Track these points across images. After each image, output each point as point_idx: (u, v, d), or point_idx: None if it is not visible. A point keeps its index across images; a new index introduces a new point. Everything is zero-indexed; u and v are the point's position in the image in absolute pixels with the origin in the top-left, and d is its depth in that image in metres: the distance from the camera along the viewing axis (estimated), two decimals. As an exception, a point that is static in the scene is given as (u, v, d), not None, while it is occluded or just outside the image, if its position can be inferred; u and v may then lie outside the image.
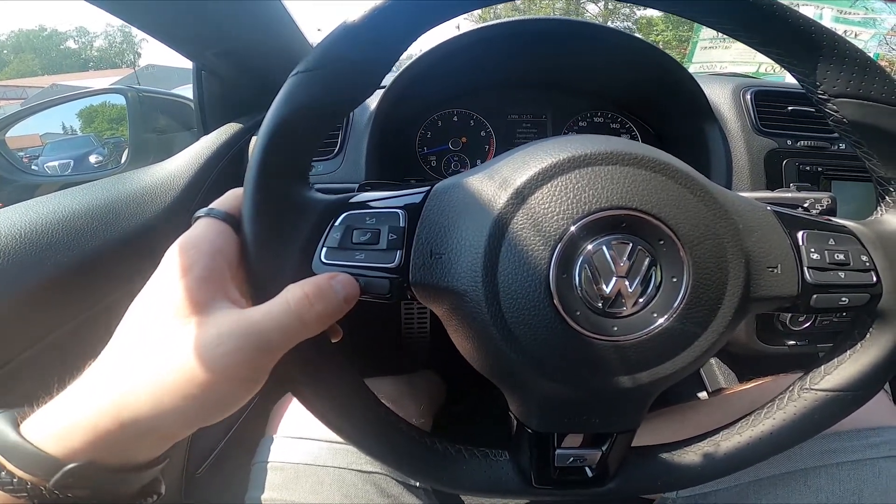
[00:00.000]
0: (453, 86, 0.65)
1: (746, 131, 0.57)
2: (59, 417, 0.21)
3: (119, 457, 0.21)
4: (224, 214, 0.25)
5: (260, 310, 0.23)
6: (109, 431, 0.20)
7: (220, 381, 0.21)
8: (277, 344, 0.23)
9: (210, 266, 0.23)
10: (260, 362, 0.22)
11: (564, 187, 0.24)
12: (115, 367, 0.22)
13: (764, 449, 0.30)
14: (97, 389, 0.21)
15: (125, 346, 0.22)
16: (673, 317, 0.24)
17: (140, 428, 0.21)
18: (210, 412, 0.22)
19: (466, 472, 0.30)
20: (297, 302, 0.23)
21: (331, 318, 0.24)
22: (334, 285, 0.24)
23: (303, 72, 0.24)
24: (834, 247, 0.27)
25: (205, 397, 0.21)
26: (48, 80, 22.00)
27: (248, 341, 0.22)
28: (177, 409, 0.21)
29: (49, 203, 0.43)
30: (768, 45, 0.26)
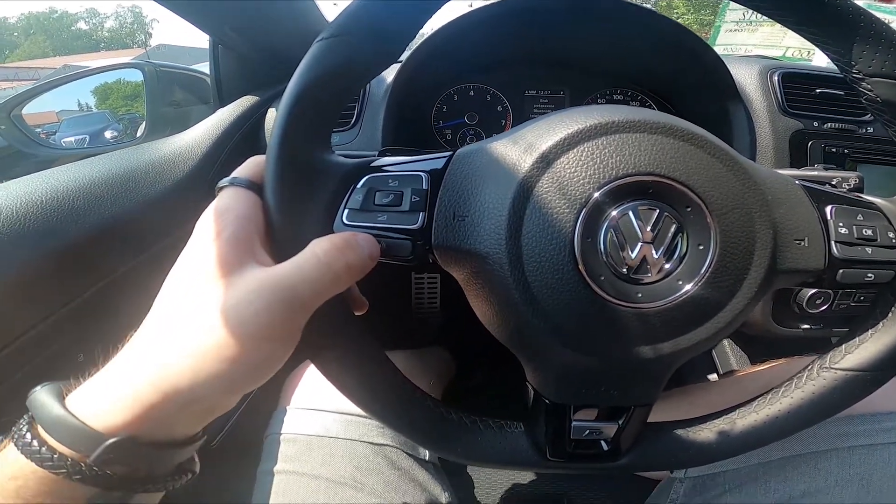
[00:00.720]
0: (470, 61, 0.64)
1: (772, 111, 0.56)
2: (103, 391, 0.21)
3: (160, 431, 0.22)
4: (247, 182, 0.25)
5: (288, 265, 0.23)
6: (153, 404, 0.20)
7: (255, 341, 0.21)
8: (309, 298, 0.23)
9: (238, 231, 0.23)
10: (292, 318, 0.22)
11: (591, 153, 0.24)
12: (154, 337, 0.22)
13: (781, 428, 0.30)
14: (138, 361, 0.21)
15: (162, 316, 0.22)
16: (699, 284, 0.24)
17: (182, 398, 0.21)
18: (249, 375, 0.22)
19: (481, 444, 0.30)
20: (325, 253, 0.23)
21: (359, 272, 0.24)
22: (359, 240, 0.24)
23: (328, 38, 0.24)
24: (862, 222, 0.27)
25: (242, 359, 0.21)
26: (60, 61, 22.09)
27: (278, 297, 0.22)
28: (216, 375, 0.21)
29: (69, 172, 0.43)
30: (803, 24, 0.26)
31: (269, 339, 0.22)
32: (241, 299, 0.21)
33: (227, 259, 0.22)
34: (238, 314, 0.21)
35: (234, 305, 0.21)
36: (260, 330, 0.21)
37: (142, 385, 0.21)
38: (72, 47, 36.03)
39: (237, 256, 0.22)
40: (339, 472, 0.41)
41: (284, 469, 0.42)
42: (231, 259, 0.22)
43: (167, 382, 0.21)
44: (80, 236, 0.39)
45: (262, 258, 0.24)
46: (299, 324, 0.23)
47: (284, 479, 0.41)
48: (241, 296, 0.21)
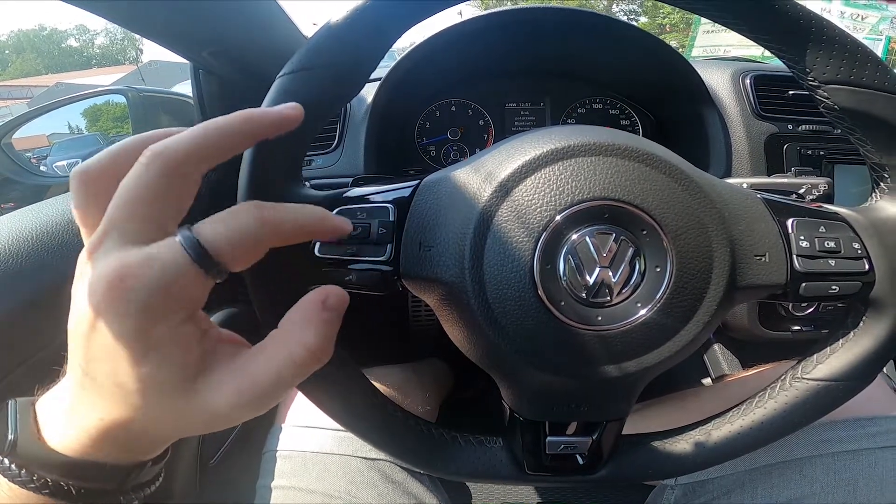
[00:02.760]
0: (450, 75, 0.64)
1: (746, 116, 0.56)
2: (62, 418, 0.20)
3: (124, 458, 0.21)
4: (211, 263, 0.18)
5: (259, 362, 0.19)
6: (111, 442, 0.20)
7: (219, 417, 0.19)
8: (276, 397, 0.20)
9: (182, 329, 0.18)
10: (262, 407, 0.20)
11: (547, 179, 0.24)
12: (99, 389, 0.19)
13: (755, 438, 0.30)
14: (86, 408, 0.19)
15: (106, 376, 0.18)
16: (657, 307, 0.24)
17: (144, 439, 0.21)
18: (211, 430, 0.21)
19: (461, 459, 0.30)
20: (301, 358, 0.19)
21: (329, 355, 0.20)
22: (329, 318, 0.20)
23: (289, 73, 0.25)
24: (824, 234, 0.27)
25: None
26: (53, 78, 22.07)
27: (248, 401, 0.19)
28: (172, 427, 0.20)
29: (58, 205, 0.44)
30: (757, 32, 0.26)
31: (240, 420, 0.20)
32: (225, 405, 0.19)
33: (184, 370, 0.18)
34: (206, 417, 0.19)
35: (219, 411, 0.19)
36: (224, 422, 0.20)
37: (96, 426, 0.19)
38: (63, 64, 35.99)
39: (194, 359, 0.19)
40: (334, 487, 0.42)
41: (282, 485, 0.43)
42: (191, 369, 0.19)
43: (128, 431, 0.19)
44: (71, 270, 0.39)
45: (219, 341, 0.21)
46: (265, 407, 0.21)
47: (281, 494, 0.42)
48: (226, 400, 0.19)
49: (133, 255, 0.17)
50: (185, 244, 0.17)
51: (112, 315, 0.17)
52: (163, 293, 0.17)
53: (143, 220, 0.18)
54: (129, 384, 0.18)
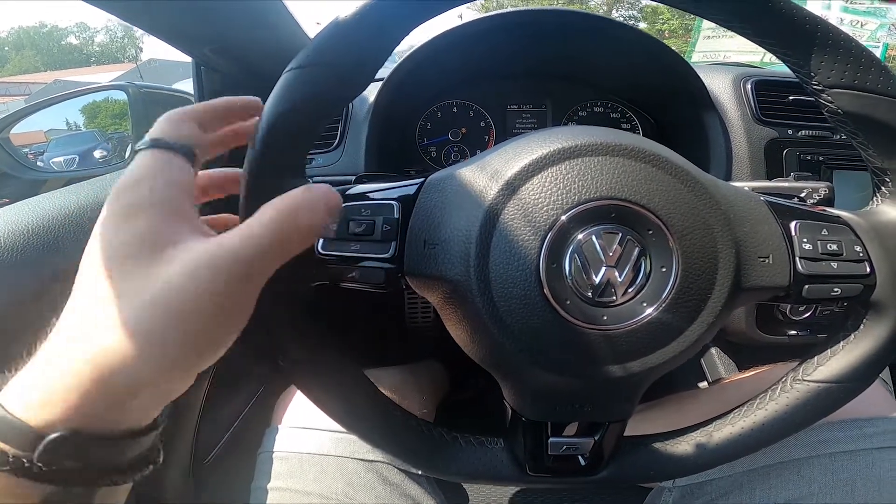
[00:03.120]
0: (452, 77, 0.65)
1: (747, 121, 0.57)
2: (35, 383, 0.19)
3: (104, 422, 0.19)
4: (174, 144, 0.22)
5: (235, 233, 0.20)
6: (89, 393, 0.18)
7: (202, 319, 0.19)
8: (259, 268, 0.20)
9: (171, 199, 0.21)
10: (243, 291, 0.20)
11: (554, 178, 0.24)
12: (83, 321, 0.19)
13: (756, 440, 0.30)
14: (68, 349, 0.19)
15: (90, 297, 0.20)
16: (662, 307, 0.24)
17: (122, 384, 0.19)
18: (198, 355, 0.20)
19: (462, 459, 0.30)
20: (272, 220, 0.20)
21: (316, 232, 0.22)
22: (312, 198, 0.21)
23: (295, 68, 0.24)
24: (827, 237, 0.27)
25: (188, 339, 0.19)
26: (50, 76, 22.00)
27: (226, 269, 0.19)
28: (161, 357, 0.19)
29: (55, 199, 0.43)
30: (762, 35, 0.26)
31: (218, 316, 0.20)
32: (184, 273, 0.19)
33: (161, 230, 0.20)
34: (182, 290, 0.19)
35: (178, 281, 0.19)
36: (207, 306, 0.19)
37: (75, 373, 0.18)
38: (62, 62, 35.94)
39: (173, 227, 0.20)
40: (331, 489, 0.41)
41: (277, 486, 0.42)
42: (166, 230, 0.20)
43: (103, 368, 0.18)
44: (66, 265, 0.39)
45: (199, 226, 0.22)
46: (251, 295, 0.21)
47: (278, 495, 0.42)
48: (185, 270, 0.19)
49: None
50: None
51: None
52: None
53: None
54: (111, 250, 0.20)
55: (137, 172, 0.22)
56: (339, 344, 0.29)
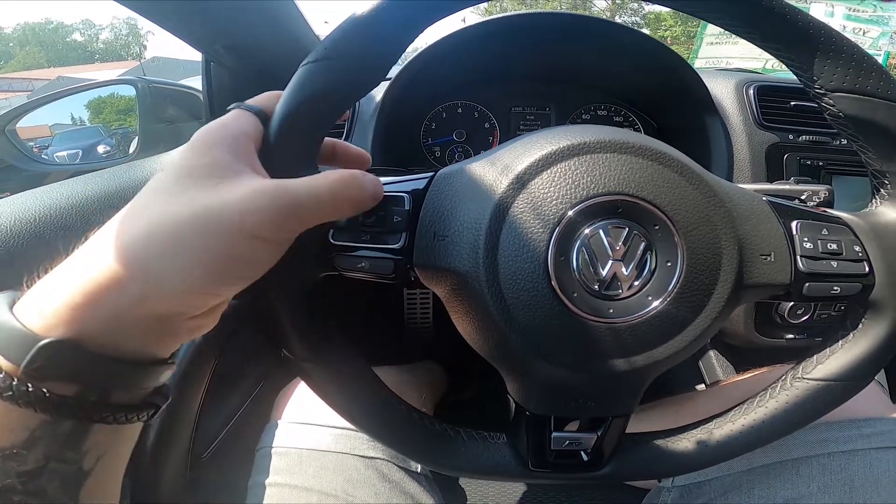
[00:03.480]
0: (458, 78, 0.65)
1: (748, 125, 0.57)
2: (50, 286, 0.18)
3: (109, 336, 0.18)
4: (257, 109, 0.26)
5: (297, 180, 0.22)
6: (101, 294, 0.17)
7: (245, 237, 0.20)
8: (307, 213, 0.22)
9: (237, 142, 0.23)
10: (288, 225, 0.22)
11: (563, 173, 0.25)
12: (123, 223, 0.19)
13: (756, 437, 0.30)
14: (96, 250, 0.19)
15: (138, 204, 0.20)
16: (667, 300, 0.25)
17: (140, 291, 0.18)
18: (225, 273, 0.20)
19: (464, 455, 0.30)
20: (335, 181, 0.23)
21: (359, 208, 0.25)
22: (366, 181, 0.25)
23: (313, 62, 0.25)
24: (827, 237, 0.28)
25: (224, 253, 0.20)
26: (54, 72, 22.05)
27: (280, 202, 0.21)
28: (188, 263, 0.19)
29: (62, 189, 0.44)
30: (767, 40, 0.27)
31: (261, 238, 0.21)
32: (245, 196, 0.20)
33: (227, 161, 0.22)
34: (237, 208, 0.20)
35: (236, 198, 0.20)
36: (254, 227, 0.20)
37: (90, 273, 0.18)
38: (67, 58, 36.03)
39: (238, 163, 0.22)
40: (331, 485, 0.41)
41: (276, 482, 0.42)
42: (232, 162, 0.22)
43: (127, 266, 0.18)
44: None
45: (261, 170, 0.24)
46: (294, 232, 0.22)
47: (276, 491, 0.42)
48: (246, 192, 0.20)
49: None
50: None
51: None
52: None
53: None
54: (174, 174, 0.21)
55: (218, 120, 0.25)
56: (344, 338, 0.29)
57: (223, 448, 0.65)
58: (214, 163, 0.22)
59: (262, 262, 0.22)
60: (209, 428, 0.64)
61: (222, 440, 0.66)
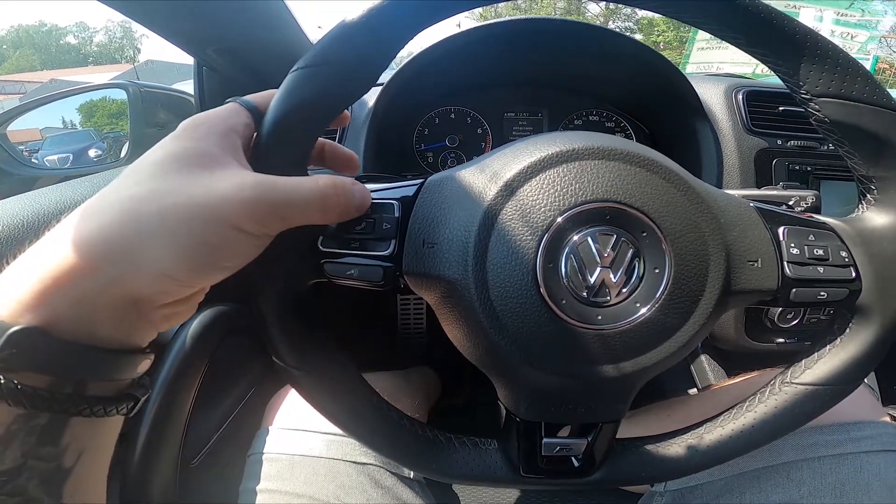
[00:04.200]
0: (451, 83, 0.65)
1: (737, 131, 0.58)
2: (17, 272, 0.17)
3: (79, 322, 0.17)
4: (250, 104, 0.26)
5: (285, 179, 0.22)
6: (71, 276, 0.17)
7: (228, 230, 0.20)
8: (292, 212, 0.22)
9: (226, 136, 0.23)
10: (270, 221, 0.22)
11: (552, 180, 0.25)
12: (98, 202, 0.19)
13: (746, 442, 0.31)
14: (67, 231, 0.18)
15: (117, 186, 0.20)
16: (655, 307, 0.25)
17: (112, 273, 0.17)
18: (204, 262, 0.20)
19: (456, 461, 0.30)
20: (325, 186, 0.23)
21: (345, 215, 0.25)
22: (355, 190, 0.25)
23: (302, 68, 0.25)
24: (814, 242, 0.28)
25: (205, 241, 0.19)
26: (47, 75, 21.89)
27: (266, 196, 0.21)
28: (167, 249, 0.18)
29: (51, 194, 0.43)
30: (753, 45, 0.27)
31: (243, 230, 0.20)
32: (231, 186, 0.20)
33: (215, 153, 0.22)
34: (221, 196, 0.20)
35: (221, 189, 0.20)
36: (237, 218, 0.20)
37: (59, 255, 0.17)
38: (60, 61, 35.80)
39: (225, 156, 0.22)
40: (322, 492, 0.41)
41: (267, 488, 0.42)
42: (219, 156, 0.22)
43: (102, 245, 0.17)
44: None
45: (246, 164, 0.23)
46: (276, 229, 0.22)
47: (267, 497, 0.41)
48: (233, 183, 0.20)
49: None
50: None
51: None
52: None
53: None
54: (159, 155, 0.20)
55: (212, 112, 0.24)
56: (335, 346, 0.29)
57: (214, 454, 0.64)
58: (202, 152, 0.22)
59: (241, 255, 0.22)
60: (199, 433, 0.63)
61: (213, 446, 0.65)
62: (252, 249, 0.22)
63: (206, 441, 0.64)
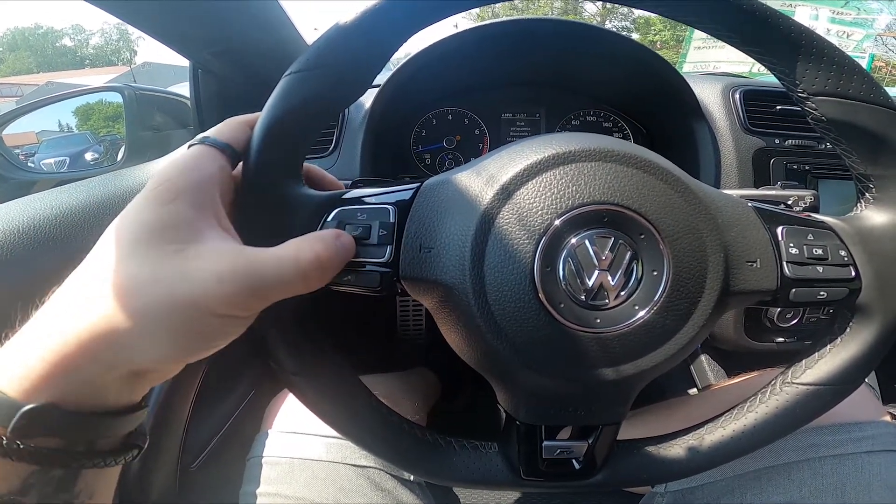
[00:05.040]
0: (448, 84, 0.65)
1: (735, 130, 0.58)
2: (18, 354, 0.19)
3: (87, 397, 0.19)
4: (220, 143, 0.24)
5: (267, 254, 0.22)
6: (74, 363, 0.18)
7: (213, 319, 0.20)
8: (276, 295, 0.22)
9: (201, 192, 0.22)
10: (255, 305, 0.22)
11: (549, 183, 0.25)
12: (80, 296, 0.19)
13: (747, 442, 0.30)
14: (63, 316, 0.19)
15: (101, 267, 0.20)
16: (654, 309, 0.25)
17: (112, 360, 0.19)
18: (195, 347, 0.21)
19: (456, 464, 0.30)
20: (307, 263, 0.22)
21: (330, 279, 0.24)
22: (341, 247, 0.24)
23: (296, 72, 0.25)
24: (813, 242, 0.28)
25: (192, 331, 0.20)
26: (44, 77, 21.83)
27: (249, 284, 0.20)
28: (159, 342, 0.19)
29: (46, 199, 0.43)
30: (749, 44, 0.27)
31: (228, 318, 0.21)
32: (209, 275, 0.20)
33: (189, 222, 0.21)
34: (204, 290, 0.19)
35: (201, 280, 0.20)
36: (221, 308, 0.20)
37: (64, 341, 0.18)
38: (56, 64, 35.70)
39: (201, 221, 0.21)
40: (323, 495, 0.41)
41: (267, 491, 0.42)
42: (195, 224, 0.21)
43: (98, 341, 0.18)
44: (57, 265, 0.38)
45: (225, 224, 0.23)
46: (259, 309, 0.22)
47: (267, 501, 0.41)
48: (211, 272, 0.20)
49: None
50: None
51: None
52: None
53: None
54: (128, 232, 0.20)
55: (179, 162, 0.23)
56: (335, 349, 0.29)
57: (213, 457, 0.64)
58: (174, 221, 0.21)
59: (229, 334, 0.22)
60: (199, 437, 0.63)
61: (212, 450, 0.65)
62: (240, 328, 0.22)
63: (206, 444, 0.64)
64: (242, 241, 0.24)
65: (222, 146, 0.24)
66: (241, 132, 0.25)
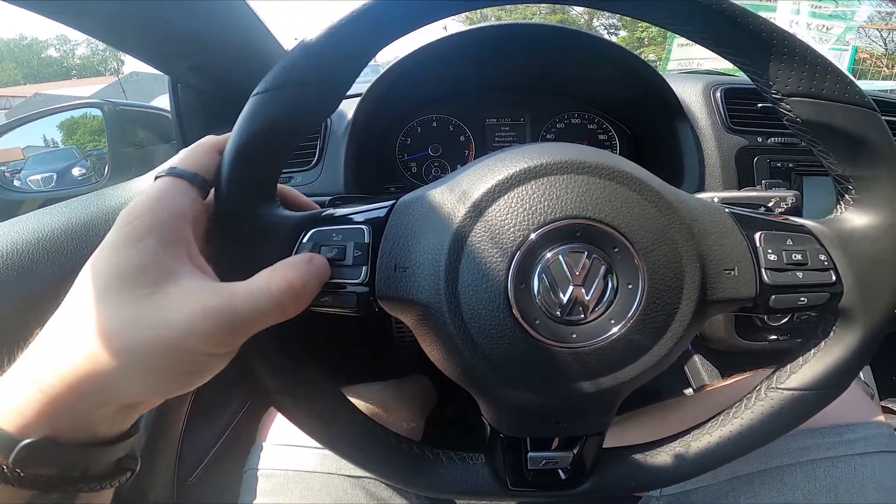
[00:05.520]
0: (431, 91, 0.65)
1: (717, 129, 0.58)
2: (11, 391, 0.19)
3: (80, 431, 0.20)
4: (188, 174, 0.24)
5: (240, 289, 0.22)
6: (65, 401, 0.19)
7: (193, 358, 0.21)
8: (254, 328, 0.22)
9: (172, 229, 0.22)
10: (235, 342, 0.22)
11: (520, 198, 0.24)
12: (64, 337, 0.20)
13: (734, 448, 0.30)
14: (45, 361, 0.20)
15: (77, 314, 0.20)
16: (630, 323, 0.24)
17: (100, 398, 0.20)
18: (178, 383, 0.22)
19: (444, 476, 0.30)
20: (280, 293, 0.22)
21: (307, 304, 0.24)
22: (315, 271, 0.24)
23: (262, 92, 0.24)
24: (792, 247, 0.28)
25: (175, 370, 0.21)
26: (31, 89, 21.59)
27: (225, 321, 0.21)
28: (143, 381, 0.20)
29: (29, 222, 0.43)
30: (721, 45, 0.26)
31: (209, 355, 0.21)
32: (184, 317, 0.20)
33: (161, 262, 0.21)
34: (179, 331, 0.20)
35: (176, 320, 0.20)
36: (200, 347, 0.21)
37: (56, 382, 0.19)
38: (42, 75, 35.32)
39: (174, 260, 0.21)
40: None
41: (264, 503, 0.42)
42: (167, 263, 0.21)
43: (86, 382, 0.19)
44: (38, 290, 0.38)
45: (199, 261, 0.23)
46: (239, 343, 0.23)
47: None
48: (185, 312, 0.20)
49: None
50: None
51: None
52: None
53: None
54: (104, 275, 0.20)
55: (147, 198, 0.23)
56: (317, 365, 0.29)
57: (210, 471, 0.64)
58: (143, 263, 0.21)
59: (214, 369, 0.23)
60: (195, 450, 0.63)
61: (208, 463, 0.65)
62: (222, 363, 0.23)
63: (202, 458, 0.64)
64: (216, 274, 0.24)
65: (190, 177, 0.24)
66: (210, 158, 0.25)
